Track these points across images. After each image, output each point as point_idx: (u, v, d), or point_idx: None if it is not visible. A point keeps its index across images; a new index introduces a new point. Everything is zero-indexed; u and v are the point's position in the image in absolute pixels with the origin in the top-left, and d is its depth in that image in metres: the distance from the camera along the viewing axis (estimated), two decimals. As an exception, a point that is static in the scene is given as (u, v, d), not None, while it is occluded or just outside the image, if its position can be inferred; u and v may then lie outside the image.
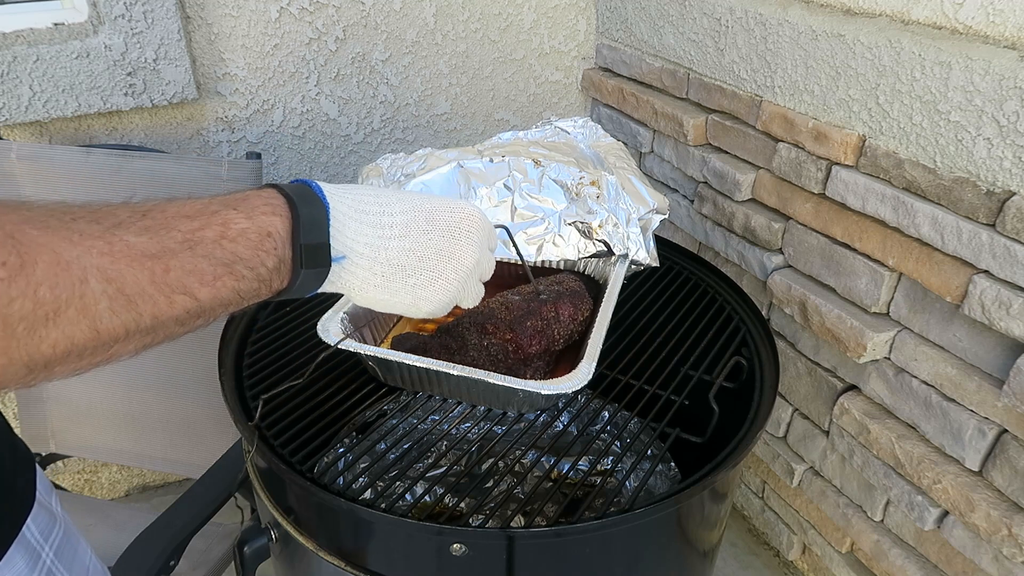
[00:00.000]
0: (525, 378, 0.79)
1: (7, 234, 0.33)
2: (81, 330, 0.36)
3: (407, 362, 0.74)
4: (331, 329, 0.77)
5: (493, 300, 0.81)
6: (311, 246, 0.47)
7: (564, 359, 0.86)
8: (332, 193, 0.50)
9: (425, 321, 0.90)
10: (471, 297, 0.61)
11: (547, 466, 1.03)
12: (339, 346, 0.75)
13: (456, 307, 0.61)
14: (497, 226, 0.65)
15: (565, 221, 0.92)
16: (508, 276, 0.97)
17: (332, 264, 0.49)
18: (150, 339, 0.40)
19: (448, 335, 0.80)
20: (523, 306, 0.80)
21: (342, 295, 0.57)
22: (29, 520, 0.58)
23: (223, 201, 0.44)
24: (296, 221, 0.46)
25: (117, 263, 0.37)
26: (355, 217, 0.51)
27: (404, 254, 0.53)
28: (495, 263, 0.63)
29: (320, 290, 0.51)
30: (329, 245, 0.48)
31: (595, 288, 0.94)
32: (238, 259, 0.43)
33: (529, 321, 0.79)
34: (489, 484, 1.02)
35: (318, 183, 0.50)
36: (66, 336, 0.35)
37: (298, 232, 0.46)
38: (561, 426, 1.07)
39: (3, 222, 0.33)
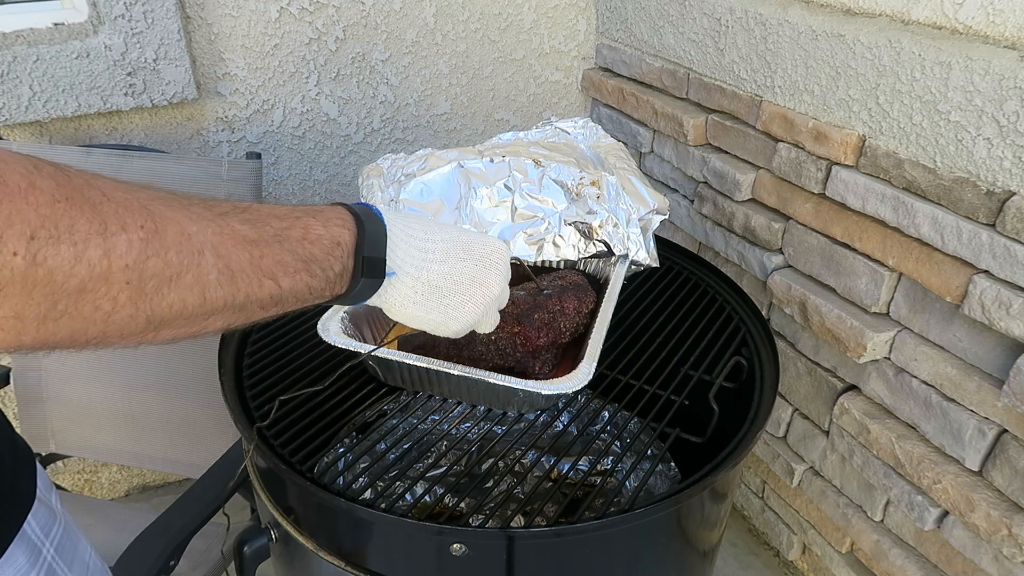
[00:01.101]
0: (534, 370, 0.80)
1: (142, 205, 0.38)
2: (194, 295, 0.40)
3: (407, 362, 0.74)
4: (331, 328, 0.77)
5: None
6: (372, 259, 0.53)
7: (565, 358, 0.86)
8: (388, 217, 0.57)
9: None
10: (489, 323, 0.67)
11: (547, 466, 1.03)
12: (339, 345, 0.75)
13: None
14: (513, 259, 0.70)
15: (565, 221, 0.92)
16: (510, 276, 0.97)
17: (385, 278, 0.56)
18: (237, 317, 0.45)
19: (478, 331, 0.80)
20: (529, 300, 0.82)
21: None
22: (30, 517, 0.58)
23: (304, 210, 0.51)
24: (361, 236, 0.53)
25: (226, 242, 0.43)
26: (405, 240, 0.57)
27: (443, 277, 0.59)
28: (509, 294, 0.69)
29: (368, 302, 0.57)
30: (385, 261, 0.55)
31: (595, 288, 0.94)
32: (314, 259, 0.49)
33: (536, 314, 0.80)
34: (489, 484, 1.02)
35: (377, 207, 0.57)
36: (181, 299, 0.40)
37: (362, 246, 0.53)
38: (561, 426, 1.07)
39: (138, 196, 0.38)
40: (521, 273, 0.87)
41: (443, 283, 0.59)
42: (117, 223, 0.36)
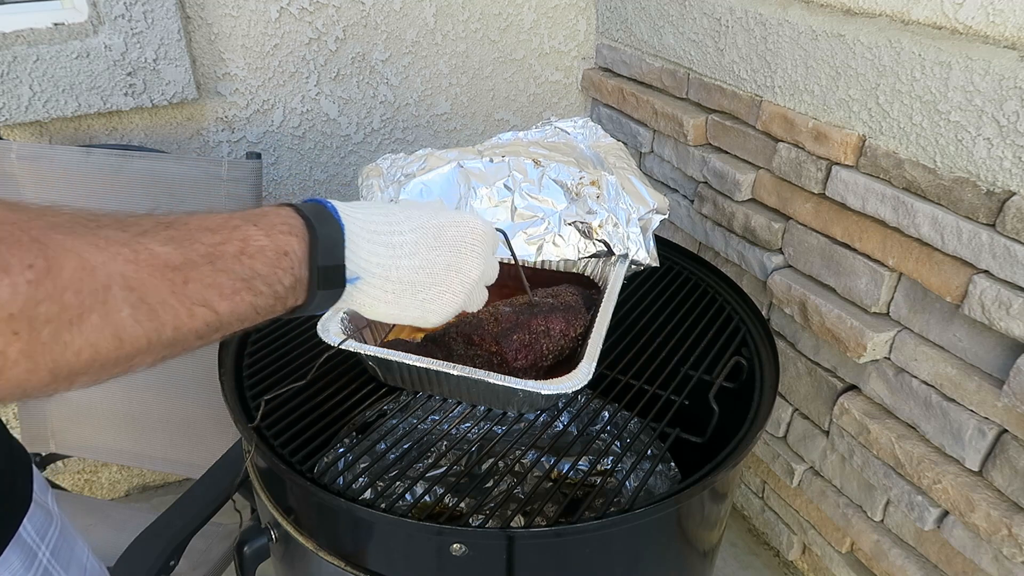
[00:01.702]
0: None
1: (33, 238, 0.33)
2: (105, 338, 0.36)
3: (407, 362, 0.74)
4: (331, 329, 0.77)
5: (484, 310, 0.80)
6: (328, 268, 0.48)
7: (558, 365, 0.85)
8: (346, 214, 0.51)
9: (418, 328, 0.90)
10: (476, 303, 0.62)
11: (547, 466, 1.03)
12: (340, 346, 0.75)
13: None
14: (496, 229, 0.66)
15: (565, 221, 0.92)
16: (508, 277, 0.97)
17: (347, 285, 0.51)
18: (170, 351, 0.40)
19: (435, 344, 0.78)
20: (512, 318, 0.78)
21: None
22: (25, 520, 0.58)
23: (243, 216, 0.45)
24: (314, 242, 0.47)
25: (140, 271, 0.37)
26: (368, 238, 0.52)
27: (415, 272, 0.54)
28: (498, 267, 0.65)
29: (335, 307, 0.52)
30: (344, 267, 0.50)
31: (594, 291, 0.94)
32: (256, 275, 0.43)
33: (516, 334, 0.77)
34: (489, 484, 1.02)
35: (332, 203, 0.51)
36: (90, 344, 0.35)
37: (315, 254, 0.47)
38: (561, 426, 1.07)
39: (30, 227, 0.34)
40: (513, 274, 0.86)
41: (415, 277, 0.55)
42: None
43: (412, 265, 0.54)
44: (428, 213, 0.57)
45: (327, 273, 0.48)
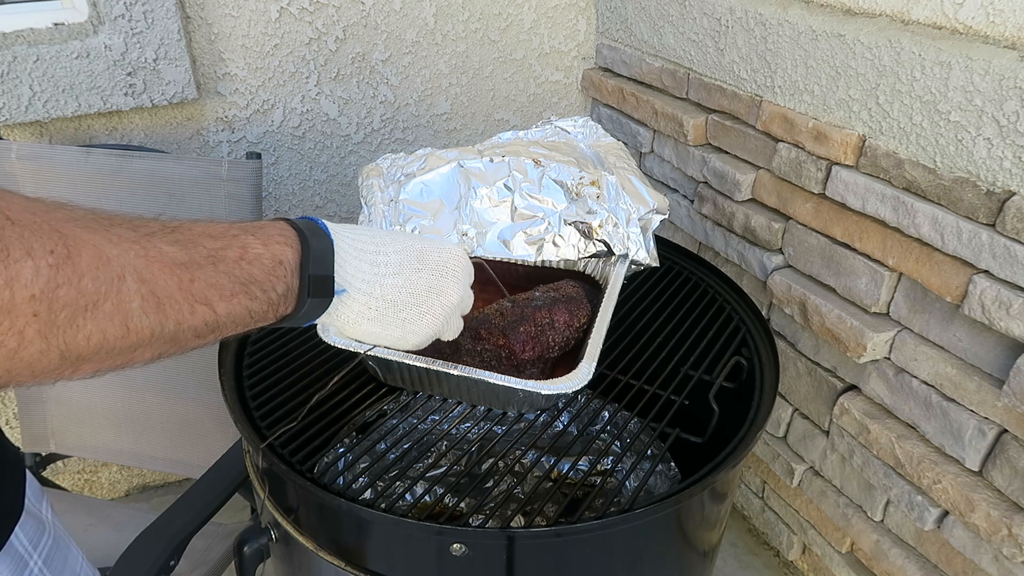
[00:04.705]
0: None
1: (53, 227, 0.35)
2: (114, 325, 0.37)
3: (407, 362, 0.74)
4: (331, 329, 0.77)
5: (489, 307, 0.81)
6: (318, 277, 0.51)
7: (563, 360, 0.86)
8: (335, 231, 0.53)
9: None
10: (452, 330, 0.65)
11: (547, 466, 1.03)
12: (339, 346, 0.75)
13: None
14: (474, 259, 0.68)
15: (565, 221, 0.92)
16: (510, 276, 0.97)
17: (334, 296, 0.53)
18: (169, 347, 0.42)
19: (442, 340, 0.79)
20: (516, 312, 0.79)
21: None
22: (17, 528, 0.58)
23: (242, 227, 0.47)
24: (306, 253, 0.50)
25: (151, 266, 0.39)
26: (355, 255, 0.54)
27: (397, 291, 0.57)
28: (473, 298, 0.66)
29: (320, 320, 0.54)
30: (333, 278, 0.52)
31: (590, 300, 0.94)
32: (253, 280, 0.46)
33: (522, 327, 0.78)
34: (489, 484, 1.02)
35: (324, 221, 0.53)
36: (100, 330, 0.37)
37: (307, 264, 0.50)
38: (561, 426, 1.07)
39: (49, 218, 0.35)
40: (487, 278, 0.86)
41: (398, 297, 0.57)
42: (21, 248, 0.33)
43: (395, 284, 0.56)
44: (412, 238, 0.60)
45: (318, 282, 0.50)
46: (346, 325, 0.56)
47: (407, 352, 0.79)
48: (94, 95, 1.24)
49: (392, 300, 0.57)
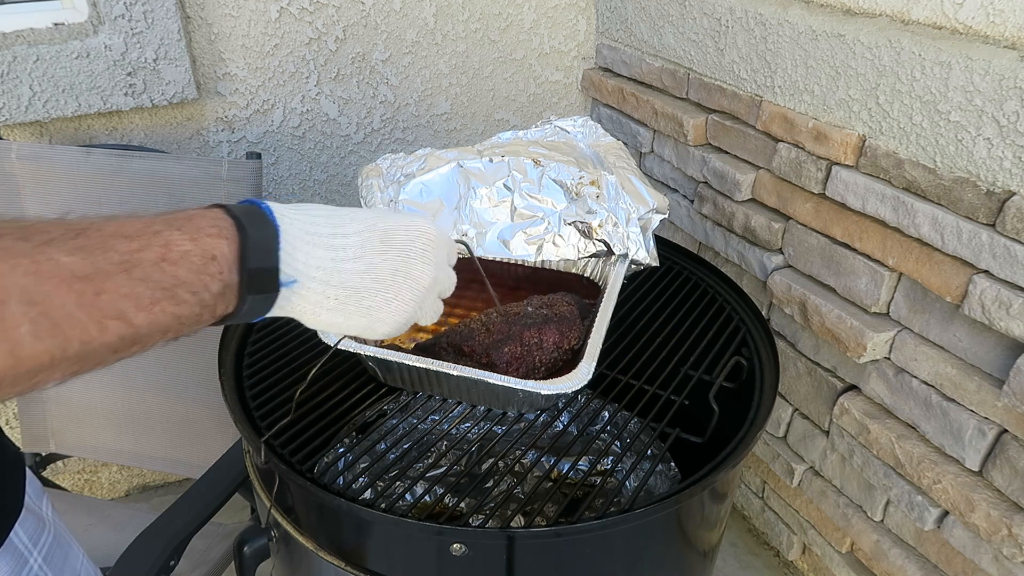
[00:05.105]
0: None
1: None
2: (0, 355, 0.33)
3: (407, 362, 0.74)
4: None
5: (476, 319, 0.79)
6: (259, 270, 0.45)
7: (556, 371, 0.85)
8: (283, 214, 0.48)
9: (419, 330, 0.90)
10: (429, 315, 0.59)
11: (547, 466, 1.03)
12: (339, 346, 0.75)
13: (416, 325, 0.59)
14: (457, 241, 0.63)
15: (565, 221, 0.92)
16: (508, 277, 0.97)
17: (281, 289, 0.47)
18: (79, 367, 0.38)
19: (425, 353, 0.78)
20: (504, 329, 0.77)
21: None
22: (17, 526, 0.58)
23: (166, 221, 0.42)
24: (244, 244, 0.44)
25: (43, 284, 0.34)
26: (307, 240, 0.49)
27: (359, 276, 0.51)
28: (455, 278, 0.61)
29: (270, 314, 0.49)
30: (278, 269, 0.47)
31: (595, 289, 0.94)
32: (179, 283, 0.40)
33: (507, 347, 0.75)
34: (489, 484, 1.02)
35: (269, 204, 0.48)
36: None
37: (246, 256, 0.44)
38: (561, 426, 1.07)
39: None
40: (512, 273, 0.84)
41: (360, 283, 0.51)
42: None
43: (356, 269, 0.51)
44: (376, 216, 0.54)
45: (258, 276, 0.45)
46: (304, 316, 0.51)
47: (379, 344, 0.77)
48: (94, 95, 1.24)
49: (353, 287, 0.51)
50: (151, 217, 0.42)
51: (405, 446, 1.01)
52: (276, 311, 0.49)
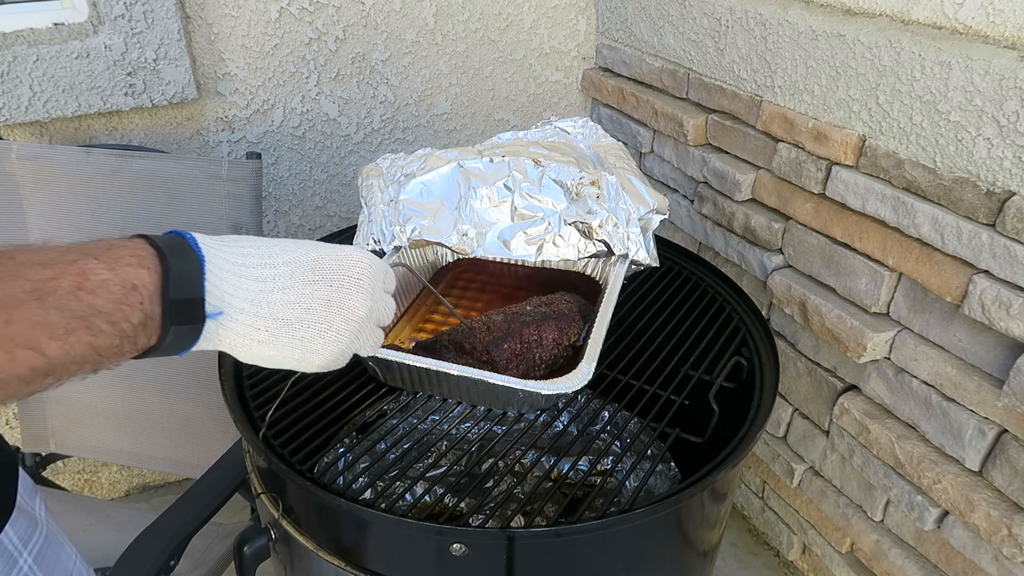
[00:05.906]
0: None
1: None
2: None
3: (407, 362, 0.74)
4: None
5: (477, 319, 0.79)
6: (182, 301, 0.44)
7: (557, 369, 0.85)
8: (208, 245, 0.47)
9: (421, 329, 0.90)
10: (368, 345, 0.58)
11: (547, 466, 1.03)
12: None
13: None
14: (396, 265, 0.62)
15: (565, 221, 0.92)
16: (508, 277, 0.97)
17: (207, 320, 0.46)
18: None
19: (426, 351, 0.78)
20: (504, 327, 0.77)
21: None
22: (8, 527, 0.57)
23: (83, 249, 0.41)
24: (166, 274, 0.43)
25: None
26: (234, 271, 0.48)
27: (289, 307, 0.50)
28: (394, 305, 0.61)
29: (197, 348, 0.48)
30: (203, 300, 0.46)
31: (595, 289, 0.94)
32: (96, 312, 0.39)
33: (507, 344, 0.76)
34: (489, 484, 1.02)
35: (194, 235, 0.47)
36: None
37: (168, 286, 0.43)
38: (561, 426, 1.07)
39: None
40: (512, 273, 0.83)
41: (291, 314, 0.50)
42: None
43: (286, 300, 0.50)
44: (306, 246, 0.53)
45: (182, 307, 0.44)
46: (236, 350, 0.50)
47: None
48: (94, 95, 1.24)
49: (284, 318, 0.50)
50: (68, 245, 0.41)
51: (405, 446, 1.01)
52: (204, 344, 0.48)
